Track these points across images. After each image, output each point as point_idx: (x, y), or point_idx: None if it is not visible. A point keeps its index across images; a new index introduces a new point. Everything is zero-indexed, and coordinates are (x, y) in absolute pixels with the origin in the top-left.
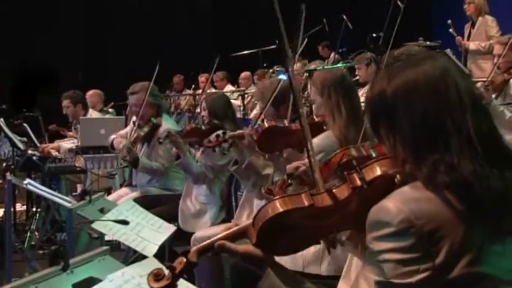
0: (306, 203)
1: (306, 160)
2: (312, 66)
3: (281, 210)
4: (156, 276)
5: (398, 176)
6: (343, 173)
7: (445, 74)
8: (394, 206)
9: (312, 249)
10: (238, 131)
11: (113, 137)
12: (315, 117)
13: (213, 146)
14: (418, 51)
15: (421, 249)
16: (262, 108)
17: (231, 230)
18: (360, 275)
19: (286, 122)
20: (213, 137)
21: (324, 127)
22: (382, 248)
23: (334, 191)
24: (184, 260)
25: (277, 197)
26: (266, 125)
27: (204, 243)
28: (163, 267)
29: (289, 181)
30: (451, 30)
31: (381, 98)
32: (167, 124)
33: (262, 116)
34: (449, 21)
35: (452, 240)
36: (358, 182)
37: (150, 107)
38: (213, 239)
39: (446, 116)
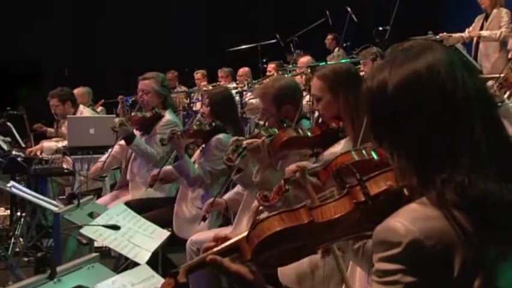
0: (305, 220)
1: (303, 162)
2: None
3: (279, 228)
4: None
5: (405, 190)
6: (344, 185)
7: (451, 68)
8: (402, 225)
9: (321, 271)
10: (255, 142)
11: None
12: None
13: (234, 164)
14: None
15: (432, 271)
16: (264, 109)
17: (223, 244)
18: None
19: (302, 129)
20: (234, 155)
21: (340, 134)
22: (390, 269)
23: (334, 204)
24: (173, 281)
25: (274, 213)
26: (285, 137)
27: (193, 260)
28: None
29: (286, 186)
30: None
31: (382, 92)
32: (169, 116)
33: (264, 118)
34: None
35: (464, 260)
36: (362, 197)
37: (156, 95)
38: (203, 255)
39: (456, 120)
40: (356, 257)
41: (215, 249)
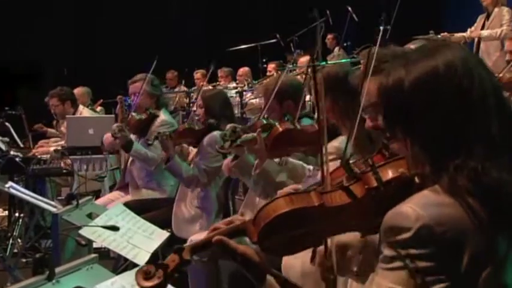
0: (316, 202)
1: (297, 185)
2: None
3: (287, 209)
4: (146, 274)
5: (416, 178)
6: (354, 173)
7: (467, 66)
8: (413, 210)
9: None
10: (251, 134)
11: (105, 136)
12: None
13: (227, 152)
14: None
15: (441, 258)
16: (265, 104)
17: (230, 226)
18: (371, 282)
19: (300, 124)
20: (227, 143)
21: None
22: (398, 254)
23: (346, 189)
24: (178, 257)
25: (282, 194)
26: (280, 128)
27: (200, 239)
28: (153, 265)
29: None
30: None
31: (398, 90)
32: (164, 116)
33: (265, 113)
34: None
35: (475, 249)
36: (374, 183)
37: (148, 97)
38: (210, 235)
39: (470, 119)
40: None
41: (221, 230)
